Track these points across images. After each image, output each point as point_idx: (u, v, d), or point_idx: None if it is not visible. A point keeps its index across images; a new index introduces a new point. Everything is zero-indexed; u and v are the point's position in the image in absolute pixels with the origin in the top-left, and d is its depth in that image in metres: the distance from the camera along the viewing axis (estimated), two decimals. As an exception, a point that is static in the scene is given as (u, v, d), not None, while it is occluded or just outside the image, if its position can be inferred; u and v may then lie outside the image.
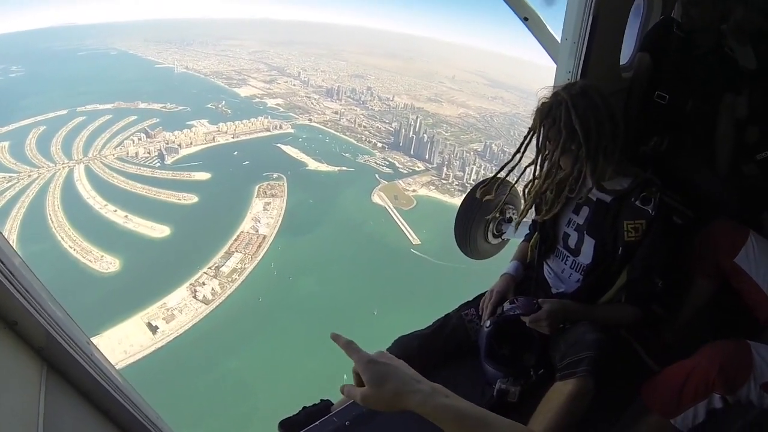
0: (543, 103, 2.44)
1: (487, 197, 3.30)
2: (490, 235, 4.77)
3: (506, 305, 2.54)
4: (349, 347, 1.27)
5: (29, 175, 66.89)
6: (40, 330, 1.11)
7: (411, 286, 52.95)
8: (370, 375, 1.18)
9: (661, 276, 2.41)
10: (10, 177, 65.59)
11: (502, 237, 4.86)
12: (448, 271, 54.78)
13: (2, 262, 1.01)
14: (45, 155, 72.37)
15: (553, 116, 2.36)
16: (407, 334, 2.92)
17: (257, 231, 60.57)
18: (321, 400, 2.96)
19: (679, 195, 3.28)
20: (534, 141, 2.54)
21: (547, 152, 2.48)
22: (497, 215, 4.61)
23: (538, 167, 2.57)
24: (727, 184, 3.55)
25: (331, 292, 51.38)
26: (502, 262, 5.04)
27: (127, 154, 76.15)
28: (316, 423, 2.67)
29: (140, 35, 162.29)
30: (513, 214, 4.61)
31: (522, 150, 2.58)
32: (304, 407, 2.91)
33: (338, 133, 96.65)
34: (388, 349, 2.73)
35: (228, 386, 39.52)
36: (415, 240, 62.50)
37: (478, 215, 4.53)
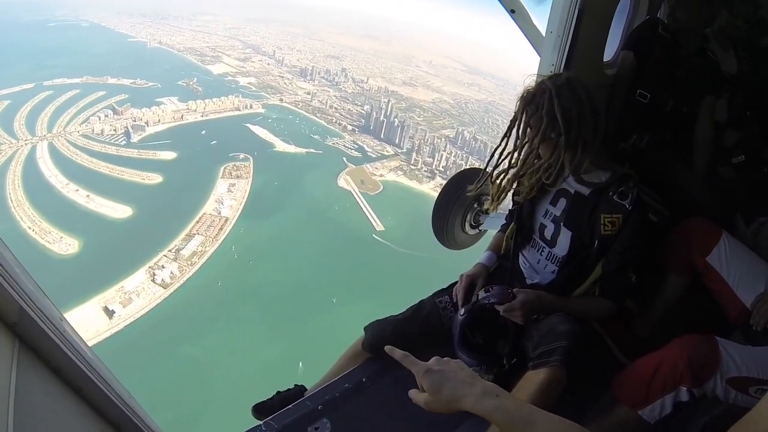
0: (527, 90, 2.50)
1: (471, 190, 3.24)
2: (467, 225, 4.87)
3: (481, 293, 2.56)
4: (407, 360, 1.41)
5: (-11, 151, 64.95)
6: (14, 305, 1.10)
7: (371, 274, 53.14)
8: (428, 383, 1.29)
9: (635, 271, 2.49)
10: (-30, 152, 63.58)
11: (479, 228, 4.97)
12: (410, 260, 55.14)
13: None
14: (8, 131, 70.11)
15: (536, 103, 2.42)
16: (381, 318, 2.97)
17: (220, 213, 60.11)
18: (295, 384, 3.05)
19: (655, 192, 3.56)
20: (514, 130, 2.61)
21: (526, 139, 2.52)
22: (475, 205, 4.76)
23: (516, 154, 2.62)
24: (703, 185, 3.66)
25: (290, 277, 51.22)
26: (468, 252, 5.27)
27: (93, 131, 74.39)
28: (290, 406, 2.70)
29: (113, 7, 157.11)
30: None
31: (507, 135, 2.65)
32: (278, 392, 2.99)
33: (309, 114, 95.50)
34: (364, 329, 2.96)
35: (185, 372, 39.51)
36: (379, 226, 62.56)
37: (456, 205, 4.66)
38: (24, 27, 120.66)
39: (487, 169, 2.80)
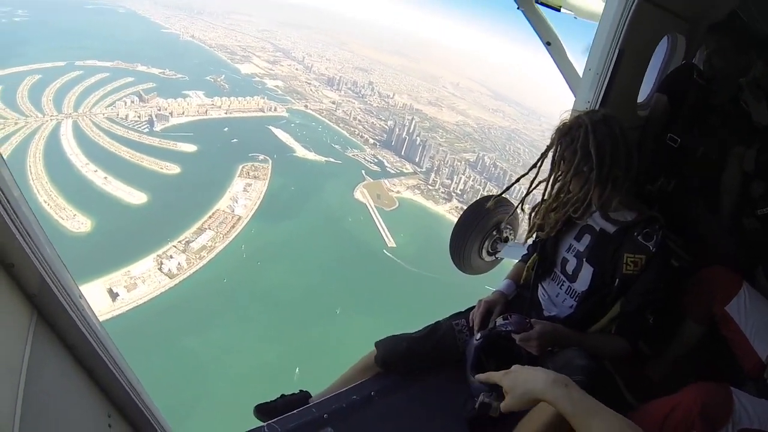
0: (563, 123, 2.52)
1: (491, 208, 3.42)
2: (484, 252, 4.79)
3: (499, 320, 2.54)
4: (492, 377, 1.53)
5: (15, 123, 65.86)
6: (36, 276, 1.09)
7: (378, 289, 53.00)
8: (506, 386, 1.42)
9: (653, 313, 2.47)
10: (-4, 121, 64.14)
11: (496, 256, 4.89)
12: (418, 279, 55.08)
13: (7, 200, 0.96)
14: (35, 105, 71.22)
15: (571, 136, 2.43)
16: (396, 335, 2.95)
17: (233, 211, 60.35)
18: (300, 390, 3.02)
19: (679, 237, 3.45)
20: (545, 163, 2.63)
21: (560, 172, 2.54)
22: (494, 233, 4.66)
23: (549, 186, 2.62)
24: (727, 234, 3.58)
25: (297, 283, 51.19)
26: (479, 279, 5.40)
27: (117, 115, 75.37)
28: (295, 411, 2.67)
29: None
30: (510, 233, 4.69)
31: (538, 165, 2.67)
32: (282, 395, 2.98)
33: (332, 123, 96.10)
34: (375, 346, 2.91)
35: (182, 363, 39.43)
36: (391, 242, 62.55)
37: (476, 230, 4.59)
38: (62, 5, 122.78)
39: (510, 199, 2.92)
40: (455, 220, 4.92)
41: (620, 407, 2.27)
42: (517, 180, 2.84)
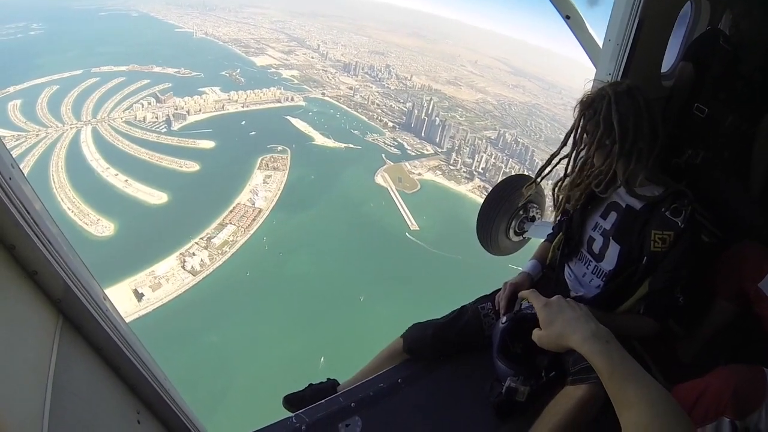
0: (587, 95, 2.43)
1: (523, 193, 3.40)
2: (512, 232, 4.76)
3: (524, 303, 2.47)
4: (532, 294, 1.45)
5: (37, 135, 67.18)
6: (59, 281, 1.14)
7: (401, 274, 52.53)
8: (542, 318, 1.34)
9: (682, 291, 2.36)
10: (18, 135, 65.75)
11: (524, 236, 4.84)
12: (442, 261, 54.81)
13: (27, 212, 1.02)
14: (55, 115, 72.57)
15: (594, 108, 2.35)
16: (422, 322, 2.94)
17: (254, 204, 60.47)
18: (328, 378, 3.07)
19: (708, 212, 3.32)
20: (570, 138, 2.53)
21: (583, 146, 2.48)
22: (521, 213, 4.63)
23: (572, 161, 2.58)
24: (759, 208, 3.40)
25: (319, 272, 51.17)
26: (503, 259, 5.32)
27: (135, 117, 76.21)
28: (322, 401, 2.67)
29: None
30: (537, 213, 4.64)
31: (566, 142, 2.55)
32: (311, 384, 3.01)
33: (350, 109, 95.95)
34: (402, 335, 2.94)
35: (206, 360, 39.57)
36: (413, 225, 61.86)
37: (502, 211, 4.55)
38: (76, 15, 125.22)
39: (542, 175, 2.80)
40: (478, 199, 4.50)
41: None
42: (550, 160, 2.64)
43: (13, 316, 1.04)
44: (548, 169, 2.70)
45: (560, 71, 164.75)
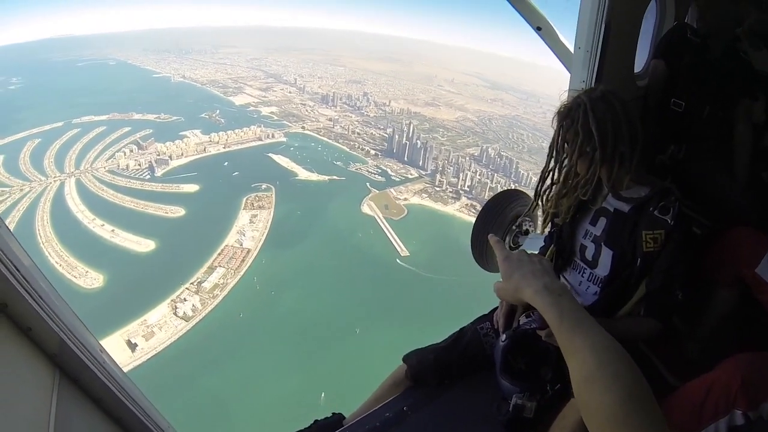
0: (563, 105, 2.45)
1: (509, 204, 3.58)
2: (506, 247, 4.61)
3: (522, 319, 2.31)
4: (497, 244, 1.44)
5: (21, 189, 67.08)
6: (54, 336, 1.14)
7: (395, 302, 52.47)
8: (502, 270, 1.31)
9: (681, 287, 2.37)
10: (2, 191, 65.74)
11: (518, 250, 4.73)
12: (435, 284, 54.67)
13: (16, 268, 1.02)
14: (38, 168, 72.65)
15: (571, 117, 2.37)
16: (422, 347, 2.98)
17: (241, 245, 60.28)
18: (333, 413, 3.00)
19: (697, 203, 3.15)
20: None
21: (564, 155, 2.49)
22: (514, 227, 4.52)
23: (555, 172, 2.59)
24: (746, 192, 3.51)
25: (313, 307, 50.99)
26: (497, 277, 5.16)
27: (118, 166, 76.23)
28: None
29: (139, 45, 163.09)
30: (530, 226, 4.52)
31: (552, 155, 2.57)
32: (316, 420, 2.95)
33: (331, 141, 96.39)
34: (404, 361, 2.97)
35: (204, 405, 39.07)
36: (404, 252, 61.83)
37: (495, 227, 4.45)
38: (54, 67, 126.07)
39: (539, 194, 2.77)
40: (466, 217, 4.71)
41: (662, 389, 2.39)
42: (543, 177, 2.69)
43: (9, 373, 1.03)
44: (544, 185, 2.71)
45: (536, 80, 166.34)
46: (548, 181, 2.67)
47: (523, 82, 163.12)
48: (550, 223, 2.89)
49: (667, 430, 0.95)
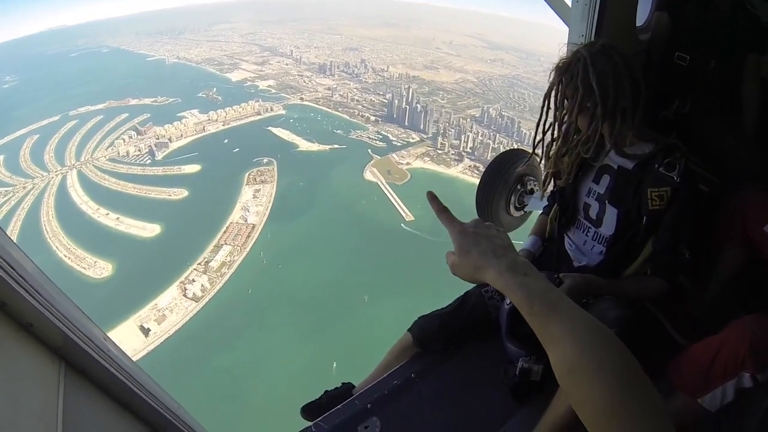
0: (562, 59, 2.36)
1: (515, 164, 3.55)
2: (512, 207, 4.54)
3: None
4: (443, 215, 1.18)
5: (24, 187, 67.25)
6: (56, 330, 1.14)
7: (402, 268, 52.28)
8: (457, 246, 1.11)
9: (687, 246, 2.33)
10: (6, 191, 65.95)
11: (525, 209, 4.64)
12: (441, 248, 53.66)
13: (12, 267, 1.03)
14: (39, 164, 72.71)
15: (571, 72, 2.29)
16: (427, 313, 2.95)
17: (246, 220, 60.16)
18: (342, 383, 3.04)
19: (703, 160, 3.31)
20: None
21: (564, 111, 2.41)
22: (518, 187, 4.43)
23: (556, 129, 2.53)
24: (754, 148, 3.37)
25: (320, 278, 50.87)
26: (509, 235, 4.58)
27: (118, 154, 76.10)
28: (339, 407, 2.68)
29: (131, 29, 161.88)
30: (534, 185, 4.45)
31: (544, 107, 2.48)
32: (326, 391, 3.01)
33: (330, 110, 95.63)
34: (409, 329, 2.95)
35: (219, 384, 39.38)
36: (408, 216, 61.41)
37: (499, 188, 4.33)
38: (48, 60, 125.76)
39: (536, 146, 2.68)
40: (469, 179, 4.33)
41: (670, 348, 2.61)
42: (538, 130, 2.57)
43: (13, 369, 1.04)
44: (539, 137, 2.59)
45: (537, 39, 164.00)
46: (547, 137, 2.58)
47: (523, 42, 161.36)
48: (552, 183, 2.83)
49: (665, 415, 0.76)
